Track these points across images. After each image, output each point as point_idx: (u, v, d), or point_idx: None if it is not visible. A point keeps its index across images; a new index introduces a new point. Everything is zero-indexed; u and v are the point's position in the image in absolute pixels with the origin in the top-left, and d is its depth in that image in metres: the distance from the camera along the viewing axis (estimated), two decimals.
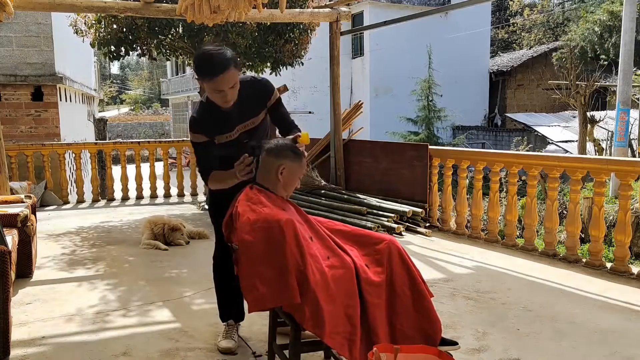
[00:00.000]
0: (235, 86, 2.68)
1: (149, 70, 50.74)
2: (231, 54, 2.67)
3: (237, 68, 2.65)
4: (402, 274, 2.49)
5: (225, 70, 2.59)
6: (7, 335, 2.92)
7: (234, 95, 2.71)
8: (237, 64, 2.66)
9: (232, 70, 2.61)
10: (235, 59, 2.67)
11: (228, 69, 2.59)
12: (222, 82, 2.61)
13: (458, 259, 4.97)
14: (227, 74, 2.60)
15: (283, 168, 2.47)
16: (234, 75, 2.63)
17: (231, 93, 2.68)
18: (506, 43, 33.35)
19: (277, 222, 2.25)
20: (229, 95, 2.68)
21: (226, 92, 2.66)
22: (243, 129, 2.83)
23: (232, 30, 6.80)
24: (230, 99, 2.70)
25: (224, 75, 2.59)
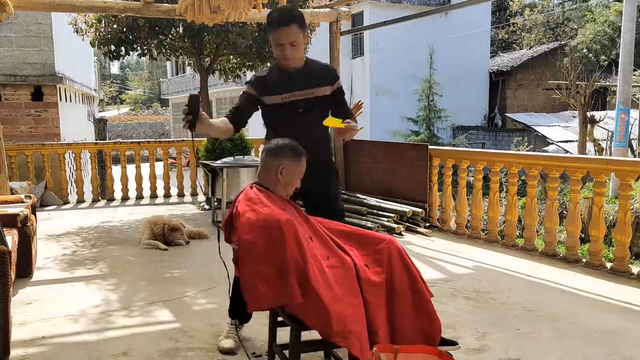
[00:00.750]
0: (296, 45, 2.82)
1: (149, 70, 50.75)
2: (299, 14, 2.87)
3: (300, 28, 2.80)
4: (402, 274, 2.49)
5: (287, 24, 2.76)
6: (7, 335, 2.92)
7: (294, 54, 2.84)
8: (302, 24, 2.82)
9: (293, 26, 2.78)
10: (302, 19, 2.83)
11: (289, 24, 2.76)
12: (283, 34, 2.79)
13: (458, 259, 4.97)
14: (289, 29, 2.77)
15: (282, 168, 2.47)
16: (295, 32, 2.79)
17: (291, 50, 2.82)
18: (506, 43, 33.34)
19: (277, 222, 2.25)
20: (288, 52, 2.82)
21: (285, 47, 2.81)
22: (301, 96, 2.91)
23: (232, 30, 6.81)
24: (289, 55, 2.84)
25: (286, 29, 2.76)
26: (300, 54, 2.89)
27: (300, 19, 2.82)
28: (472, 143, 21.40)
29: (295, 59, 2.88)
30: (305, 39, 2.87)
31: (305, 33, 2.85)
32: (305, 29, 2.86)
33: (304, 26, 2.83)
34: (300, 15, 2.86)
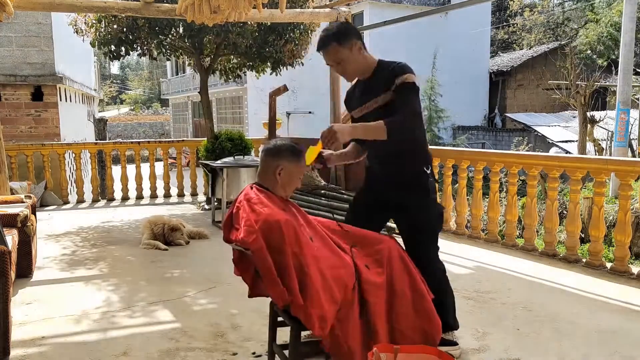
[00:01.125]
0: (342, 61, 2.73)
1: (149, 70, 50.75)
2: (334, 30, 2.74)
3: (340, 43, 2.69)
4: (402, 274, 2.49)
5: (323, 47, 2.73)
6: (7, 335, 2.92)
7: (345, 70, 2.77)
8: (339, 38, 2.69)
9: (331, 45, 2.71)
10: (338, 34, 2.71)
11: (326, 46, 2.71)
12: (325, 57, 2.76)
13: (458, 259, 4.97)
14: (326, 51, 2.72)
15: (281, 169, 2.47)
16: (334, 50, 2.71)
17: (339, 68, 2.77)
18: (506, 43, 33.34)
19: (277, 222, 2.25)
20: (338, 70, 2.78)
21: (335, 67, 2.77)
22: (367, 109, 2.77)
23: (232, 30, 6.80)
24: (341, 73, 2.80)
25: (324, 52, 2.74)
26: (355, 67, 2.75)
27: (335, 35, 2.69)
28: (472, 143, 21.41)
29: (353, 72, 2.78)
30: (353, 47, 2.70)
31: (350, 43, 2.68)
32: (348, 40, 2.68)
33: (344, 38, 2.68)
34: (335, 31, 2.72)
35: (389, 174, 2.84)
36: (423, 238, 2.83)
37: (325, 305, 2.20)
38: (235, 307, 3.69)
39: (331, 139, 2.49)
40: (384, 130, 2.54)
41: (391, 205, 2.87)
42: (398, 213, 2.88)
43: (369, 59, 2.79)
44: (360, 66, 2.77)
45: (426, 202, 2.80)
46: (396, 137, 2.56)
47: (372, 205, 2.93)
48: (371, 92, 2.74)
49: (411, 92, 2.62)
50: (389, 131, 2.54)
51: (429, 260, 2.80)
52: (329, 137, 2.49)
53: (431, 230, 2.86)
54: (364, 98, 2.79)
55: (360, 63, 2.76)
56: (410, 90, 2.62)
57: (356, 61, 2.74)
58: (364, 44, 2.77)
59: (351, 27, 2.84)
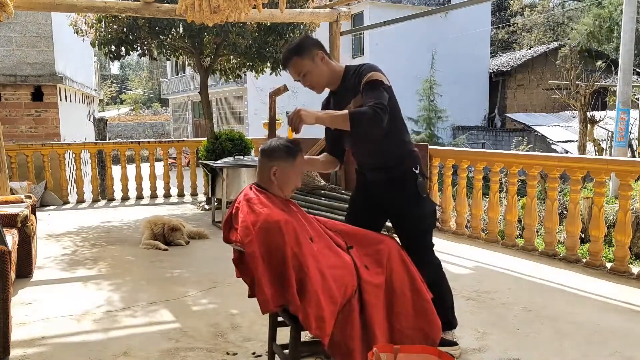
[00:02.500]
0: (307, 73, 2.71)
1: (149, 70, 50.74)
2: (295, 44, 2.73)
3: (300, 56, 2.68)
4: (402, 274, 2.49)
5: (285, 62, 2.74)
6: (7, 335, 2.92)
7: (312, 82, 2.75)
8: (300, 52, 2.68)
9: (292, 60, 2.70)
10: (298, 48, 2.69)
11: (287, 62, 2.72)
12: (290, 72, 2.75)
13: (458, 259, 4.97)
14: (289, 64, 2.72)
15: (275, 169, 2.46)
16: (297, 64, 2.70)
17: (306, 80, 2.74)
18: (506, 43, 33.35)
19: (277, 222, 2.25)
20: (306, 83, 2.76)
21: (301, 80, 2.75)
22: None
23: (232, 30, 6.81)
24: (309, 85, 2.77)
25: (288, 66, 2.74)
26: (320, 77, 2.74)
27: (295, 50, 2.69)
28: (472, 143, 21.41)
29: (320, 82, 2.76)
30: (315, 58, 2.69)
31: (311, 55, 2.67)
32: (308, 51, 2.67)
33: (303, 50, 2.67)
34: (294, 45, 2.72)
35: (378, 177, 2.84)
36: (417, 236, 2.84)
37: (324, 306, 2.20)
38: (235, 307, 3.69)
39: (296, 121, 2.48)
40: (346, 120, 2.51)
41: (384, 206, 2.87)
42: (391, 214, 2.90)
43: (336, 67, 2.78)
44: (326, 76, 2.75)
45: (417, 202, 2.80)
46: (361, 128, 2.54)
47: (366, 206, 2.94)
48: (344, 98, 2.74)
49: (375, 87, 2.60)
50: (351, 121, 2.50)
51: (423, 257, 2.80)
52: (294, 119, 2.48)
53: (425, 229, 2.86)
54: (339, 105, 2.76)
55: (326, 72, 2.75)
56: (374, 86, 2.60)
57: (321, 71, 2.73)
58: (327, 53, 2.76)
59: (311, 39, 2.81)
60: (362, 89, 2.62)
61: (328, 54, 2.78)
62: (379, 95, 2.56)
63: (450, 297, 2.95)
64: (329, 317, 2.22)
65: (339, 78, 2.77)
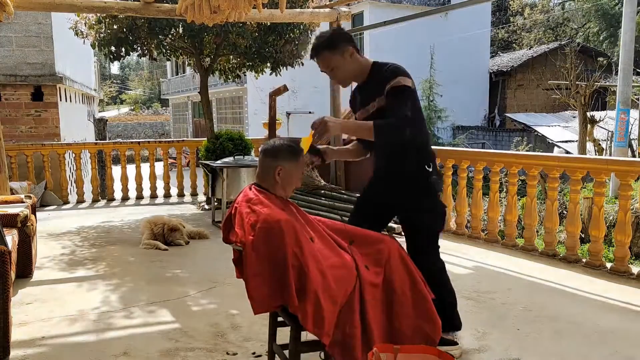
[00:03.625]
0: (335, 68, 2.72)
1: (149, 70, 50.73)
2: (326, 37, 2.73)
3: (331, 50, 2.69)
4: (402, 274, 2.49)
5: (315, 55, 2.74)
6: (7, 335, 2.92)
7: (338, 76, 2.76)
8: (330, 46, 2.69)
9: (323, 54, 2.70)
10: (328, 41, 2.69)
11: (318, 54, 2.72)
12: (319, 64, 2.75)
13: (458, 259, 4.97)
14: (319, 57, 2.72)
15: (280, 169, 2.46)
16: (327, 58, 2.70)
17: (333, 74, 2.75)
18: (506, 43, 33.35)
19: (277, 222, 2.25)
20: (334, 77, 2.77)
21: (328, 73, 2.76)
22: (365, 114, 2.76)
23: (232, 30, 6.81)
24: (335, 79, 2.79)
25: (317, 59, 2.74)
26: (348, 73, 2.75)
27: (326, 43, 2.70)
28: (472, 143, 21.41)
29: (347, 78, 2.78)
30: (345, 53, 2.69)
31: (342, 50, 2.68)
32: (339, 46, 2.68)
33: (335, 45, 2.68)
34: (326, 39, 2.72)
35: (391, 173, 2.84)
36: (424, 236, 2.84)
37: (323, 305, 2.20)
38: (235, 307, 3.69)
39: (322, 130, 2.50)
40: (371, 131, 2.56)
41: (394, 204, 2.87)
42: (401, 211, 2.90)
43: (363, 62, 2.78)
44: (354, 71, 2.77)
45: (428, 201, 2.80)
46: (384, 139, 2.58)
47: (376, 203, 2.93)
48: (369, 96, 2.75)
49: (400, 96, 2.61)
50: (376, 132, 2.55)
51: (428, 258, 2.80)
52: (320, 128, 2.50)
53: (432, 230, 2.86)
54: (364, 102, 2.80)
55: (354, 68, 2.76)
56: (399, 94, 2.61)
57: (349, 67, 2.74)
58: (357, 48, 2.77)
59: (343, 33, 2.82)
60: (387, 93, 2.62)
61: (358, 49, 2.78)
62: (403, 105, 2.59)
63: (454, 300, 2.96)
64: (329, 316, 2.22)
65: (366, 74, 2.78)
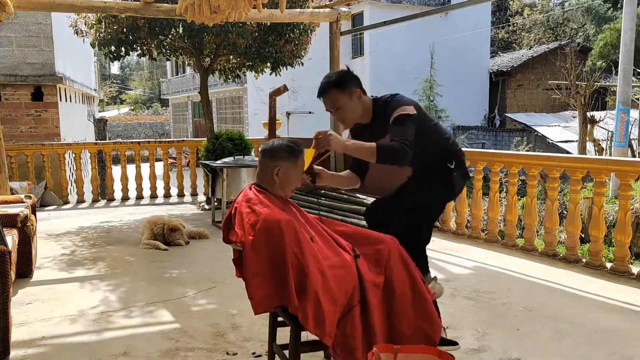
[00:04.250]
0: (342, 107, 2.72)
1: (149, 70, 50.74)
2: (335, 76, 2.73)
3: (340, 89, 2.70)
4: (402, 274, 2.49)
5: (324, 93, 2.75)
6: (7, 335, 2.92)
7: (344, 116, 2.76)
8: (340, 85, 2.69)
9: (331, 92, 2.71)
10: (338, 81, 2.70)
11: (326, 92, 2.73)
12: (325, 103, 2.76)
13: (458, 259, 4.97)
14: (327, 95, 2.74)
15: (278, 169, 2.46)
16: (334, 97, 2.71)
17: (339, 114, 2.75)
18: (506, 43, 33.35)
19: (277, 222, 2.25)
20: (338, 116, 2.77)
21: (333, 113, 2.77)
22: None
23: (232, 30, 6.80)
24: (340, 119, 2.78)
25: (324, 97, 2.75)
26: (353, 114, 2.76)
27: (336, 83, 2.71)
28: (472, 143, 21.41)
29: (352, 119, 2.78)
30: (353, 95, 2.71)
31: (350, 91, 2.70)
32: (348, 87, 2.70)
33: (344, 86, 2.70)
34: (335, 78, 2.73)
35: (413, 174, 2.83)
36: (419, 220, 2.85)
37: (323, 305, 2.20)
38: (235, 307, 3.69)
39: (324, 143, 2.53)
40: (374, 152, 2.56)
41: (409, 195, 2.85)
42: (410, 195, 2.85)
43: (367, 103, 2.79)
44: (359, 113, 2.79)
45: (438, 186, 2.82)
46: (384, 162, 2.61)
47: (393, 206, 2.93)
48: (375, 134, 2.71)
49: (403, 123, 2.64)
50: (378, 154, 2.56)
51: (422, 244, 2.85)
52: (322, 140, 2.53)
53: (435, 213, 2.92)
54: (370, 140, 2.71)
55: (359, 110, 2.78)
56: (402, 121, 2.64)
57: (355, 109, 2.76)
58: (364, 90, 2.77)
59: (352, 74, 2.80)
60: (392, 122, 2.65)
61: (364, 91, 2.79)
62: (404, 130, 2.61)
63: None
64: (329, 316, 2.22)
65: (369, 113, 2.80)
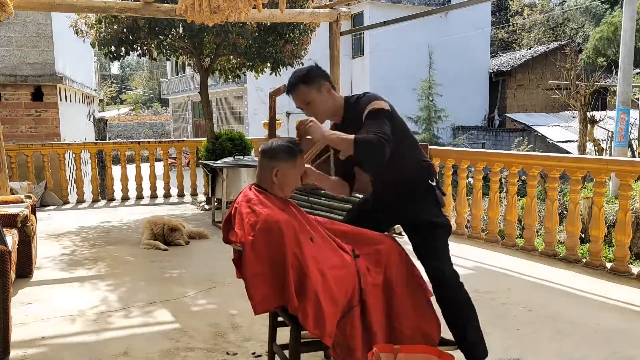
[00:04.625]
0: (311, 104, 2.68)
1: (149, 70, 50.73)
2: (304, 71, 2.70)
3: (307, 84, 2.65)
4: (402, 274, 2.50)
5: (291, 89, 2.70)
6: (7, 335, 2.92)
7: (314, 111, 2.70)
8: (307, 80, 2.66)
9: (299, 88, 2.66)
10: (306, 76, 2.67)
11: (294, 87, 2.69)
12: (294, 99, 2.72)
13: (458, 259, 4.93)
14: (295, 91, 2.69)
15: (277, 170, 2.45)
16: (303, 92, 2.67)
17: (309, 109, 2.70)
18: (506, 43, 33.35)
19: (277, 223, 2.25)
20: (309, 112, 2.71)
21: (304, 108, 2.72)
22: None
23: (232, 30, 6.80)
24: (312, 114, 2.71)
25: (293, 93, 2.71)
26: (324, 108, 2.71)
27: (303, 77, 2.67)
28: (472, 143, 21.41)
29: (323, 114, 2.72)
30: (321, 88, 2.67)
31: (318, 84, 2.66)
32: (316, 81, 2.66)
33: (312, 80, 2.66)
34: (302, 73, 2.70)
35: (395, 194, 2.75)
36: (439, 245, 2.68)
37: (323, 306, 2.20)
38: (235, 307, 3.69)
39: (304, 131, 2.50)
40: (351, 144, 2.48)
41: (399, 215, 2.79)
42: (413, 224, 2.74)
43: (338, 99, 2.75)
44: (330, 108, 2.73)
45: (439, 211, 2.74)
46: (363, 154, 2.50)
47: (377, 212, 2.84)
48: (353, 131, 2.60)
49: (377, 117, 2.58)
50: (355, 146, 2.48)
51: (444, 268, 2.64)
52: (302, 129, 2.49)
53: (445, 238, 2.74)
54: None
55: (330, 105, 2.72)
56: (376, 115, 2.58)
57: (326, 102, 2.71)
58: (333, 86, 2.74)
59: (319, 69, 2.77)
60: (366, 117, 2.59)
61: (334, 87, 2.76)
62: (380, 124, 2.55)
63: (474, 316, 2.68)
64: (329, 317, 2.22)
65: (341, 112, 2.75)
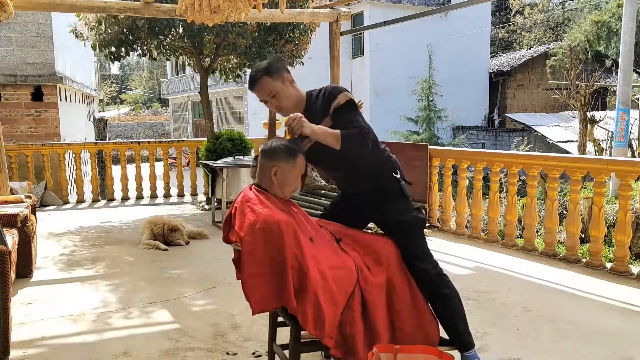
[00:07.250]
0: (277, 95, 2.66)
1: (149, 70, 50.73)
2: (266, 64, 2.68)
3: (271, 76, 2.63)
4: (402, 274, 2.50)
5: (254, 82, 2.66)
6: (7, 335, 2.92)
7: (280, 104, 2.69)
8: (270, 72, 2.64)
9: (263, 79, 2.64)
10: (268, 68, 2.65)
11: (257, 81, 2.65)
12: (258, 92, 2.68)
13: (458, 259, 4.97)
14: (259, 84, 2.65)
15: (276, 170, 2.45)
16: (269, 84, 2.64)
17: (274, 101, 2.68)
18: (506, 43, 33.36)
19: (277, 223, 2.25)
20: (274, 104, 2.69)
21: (269, 102, 2.70)
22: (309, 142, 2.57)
23: (232, 30, 6.80)
24: (275, 108, 2.71)
25: (256, 86, 2.66)
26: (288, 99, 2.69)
27: (266, 70, 2.64)
28: (472, 143, 21.41)
29: (288, 105, 2.70)
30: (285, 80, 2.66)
31: (281, 76, 2.65)
32: (279, 73, 2.64)
33: (275, 72, 2.64)
34: (266, 66, 2.67)
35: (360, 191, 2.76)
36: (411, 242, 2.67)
37: (323, 306, 2.20)
38: (235, 307, 3.69)
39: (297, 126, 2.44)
40: (338, 139, 2.49)
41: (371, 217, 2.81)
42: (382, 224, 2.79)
43: (300, 91, 2.76)
44: (294, 99, 2.72)
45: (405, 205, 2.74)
46: (349, 148, 2.52)
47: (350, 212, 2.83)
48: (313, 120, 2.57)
49: (350, 110, 2.61)
50: (342, 141, 2.49)
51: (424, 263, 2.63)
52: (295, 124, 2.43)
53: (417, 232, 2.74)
54: None
55: (294, 95, 2.71)
56: (350, 109, 2.60)
57: (290, 94, 2.69)
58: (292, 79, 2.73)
59: (280, 62, 2.78)
60: (335, 111, 2.60)
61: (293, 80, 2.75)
62: (357, 118, 2.59)
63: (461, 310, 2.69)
64: (329, 317, 2.22)
65: (303, 102, 2.74)
